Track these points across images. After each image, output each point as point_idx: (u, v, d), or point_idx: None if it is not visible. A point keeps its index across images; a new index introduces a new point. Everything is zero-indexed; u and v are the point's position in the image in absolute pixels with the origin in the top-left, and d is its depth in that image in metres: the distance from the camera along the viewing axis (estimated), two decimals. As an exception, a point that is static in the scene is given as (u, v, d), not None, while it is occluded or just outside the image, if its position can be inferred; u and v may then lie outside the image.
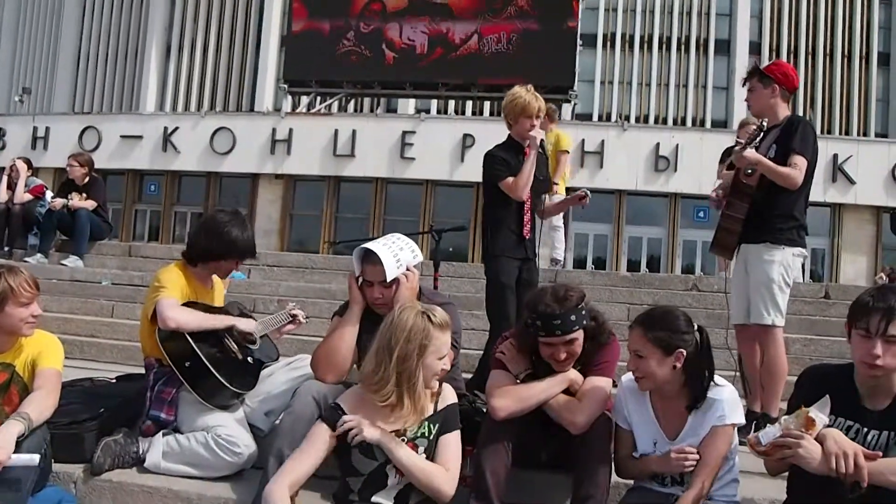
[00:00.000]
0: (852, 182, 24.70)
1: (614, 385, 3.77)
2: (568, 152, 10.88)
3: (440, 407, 3.50)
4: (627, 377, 3.64)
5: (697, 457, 3.39)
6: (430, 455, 3.42)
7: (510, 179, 5.45)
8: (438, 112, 32.15)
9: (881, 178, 24.54)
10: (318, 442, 3.36)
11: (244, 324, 4.25)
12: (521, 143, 5.58)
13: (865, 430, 3.14)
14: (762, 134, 5.00)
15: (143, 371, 4.31)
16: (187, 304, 4.11)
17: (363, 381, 3.43)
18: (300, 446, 3.39)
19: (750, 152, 4.90)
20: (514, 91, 5.65)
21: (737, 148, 4.92)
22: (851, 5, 34.22)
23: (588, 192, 5.72)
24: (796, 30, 34.36)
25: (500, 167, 5.53)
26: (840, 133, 31.73)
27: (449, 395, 3.56)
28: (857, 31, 34.07)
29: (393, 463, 3.34)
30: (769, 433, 3.06)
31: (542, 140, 5.57)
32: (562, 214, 10.35)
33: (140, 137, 27.29)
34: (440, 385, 3.51)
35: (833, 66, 34.26)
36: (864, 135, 32.28)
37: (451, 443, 3.46)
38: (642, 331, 3.45)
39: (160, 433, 4.00)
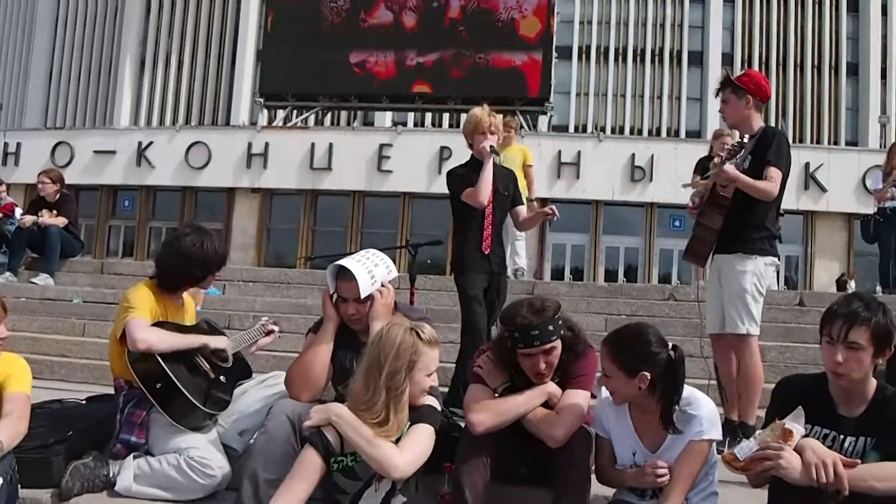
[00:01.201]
0: (824, 190, 24.94)
1: (593, 397, 3.74)
2: (532, 165, 10.90)
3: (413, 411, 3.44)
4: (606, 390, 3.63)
5: (667, 473, 3.37)
6: None
7: (470, 189, 5.61)
8: (415, 125, 32.24)
9: (852, 186, 24.77)
10: (310, 468, 3.28)
11: (216, 342, 4.17)
12: (480, 160, 5.72)
13: (842, 437, 3.14)
14: (742, 149, 5.03)
15: (114, 391, 4.22)
16: (158, 324, 4.03)
17: (352, 400, 3.36)
18: (290, 474, 3.29)
19: (729, 168, 4.91)
20: (470, 112, 5.94)
21: (716, 160, 4.91)
22: (820, 17, 34.70)
23: (554, 210, 5.80)
24: (767, 41, 34.78)
25: (460, 181, 5.72)
26: (811, 142, 32.13)
27: (428, 400, 3.50)
28: (826, 42, 34.58)
29: (374, 475, 3.29)
30: (745, 448, 3.05)
31: (493, 147, 5.69)
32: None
33: (114, 152, 27.06)
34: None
35: (804, 77, 34.71)
36: (835, 143, 32.66)
37: (417, 431, 3.35)
38: (609, 351, 3.45)
39: (131, 455, 3.91)
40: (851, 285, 21.98)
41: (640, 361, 3.38)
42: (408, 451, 3.25)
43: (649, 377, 3.37)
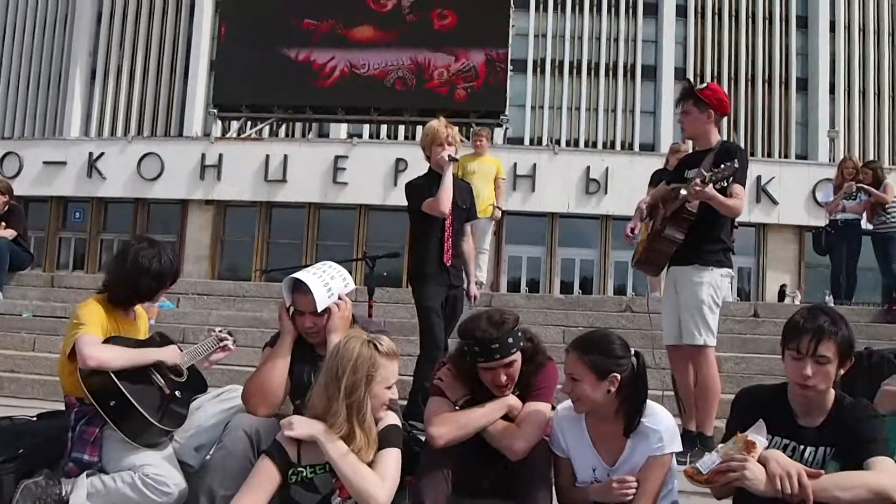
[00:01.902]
0: (775, 202, 25.32)
1: (553, 409, 3.73)
2: (504, 178, 11.07)
3: (380, 429, 3.39)
4: (562, 407, 3.63)
5: (635, 487, 3.37)
6: None
7: (430, 199, 5.69)
8: (371, 136, 32.21)
9: (802, 199, 25.16)
10: (265, 480, 3.24)
11: (171, 357, 4.10)
12: (439, 172, 5.78)
13: (802, 447, 3.17)
14: (695, 159, 5.08)
15: (65, 408, 4.12)
16: (110, 339, 3.94)
17: (311, 415, 3.32)
18: (245, 485, 3.25)
19: (710, 189, 4.91)
20: (427, 125, 6.04)
21: (697, 181, 4.90)
22: (771, 33, 35.31)
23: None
24: (719, 56, 35.33)
25: (419, 192, 5.81)
26: (762, 155, 32.63)
27: (390, 418, 3.47)
28: (776, 57, 35.20)
29: (336, 489, 3.24)
30: (707, 462, 3.06)
31: (451, 157, 5.78)
32: (487, 238, 10.69)
33: (64, 163, 26.67)
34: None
35: (755, 91, 35.28)
36: (786, 157, 33.23)
37: (389, 457, 3.32)
38: (578, 354, 3.44)
39: (84, 474, 3.80)
40: (798, 297, 22.35)
41: (609, 363, 3.39)
42: (387, 482, 3.24)
43: (619, 379, 3.38)
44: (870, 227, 10.71)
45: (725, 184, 4.96)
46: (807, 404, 3.18)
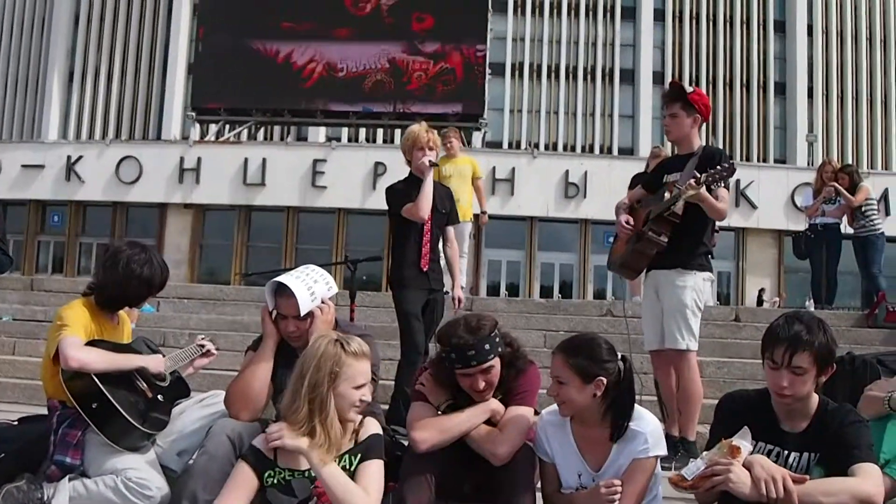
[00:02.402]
0: (754, 207, 25.48)
1: (536, 413, 3.74)
2: (481, 178, 10.92)
3: (362, 438, 3.39)
4: (547, 412, 3.62)
5: (620, 491, 3.37)
6: None
7: (410, 204, 5.68)
8: (349, 140, 32.17)
9: (781, 203, 25.34)
10: (242, 483, 3.24)
11: (155, 365, 4.07)
12: (419, 176, 5.79)
13: (786, 452, 3.17)
14: (676, 163, 5.09)
15: (47, 412, 4.10)
16: (93, 343, 3.92)
17: (282, 412, 3.33)
18: (223, 489, 3.25)
19: (703, 191, 4.91)
20: (408, 129, 6.04)
21: (692, 182, 4.90)
22: (748, 37, 35.52)
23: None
24: (697, 60, 35.49)
25: (399, 197, 5.80)
26: (741, 159, 32.80)
27: (371, 427, 3.46)
28: (754, 61, 35.40)
29: (316, 496, 3.23)
30: (692, 468, 3.06)
31: (432, 162, 5.79)
32: (466, 242, 10.61)
33: (42, 167, 26.50)
34: (363, 418, 3.40)
35: (733, 95, 35.46)
36: (764, 161, 33.38)
37: (372, 470, 3.32)
38: (564, 357, 3.43)
39: (66, 478, 3.77)
40: (777, 303, 22.51)
41: (595, 367, 3.39)
42: (372, 495, 3.24)
43: (605, 383, 3.39)
44: (850, 230, 10.79)
45: (714, 186, 4.97)
46: (789, 410, 3.20)
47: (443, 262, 6.28)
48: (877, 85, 35.56)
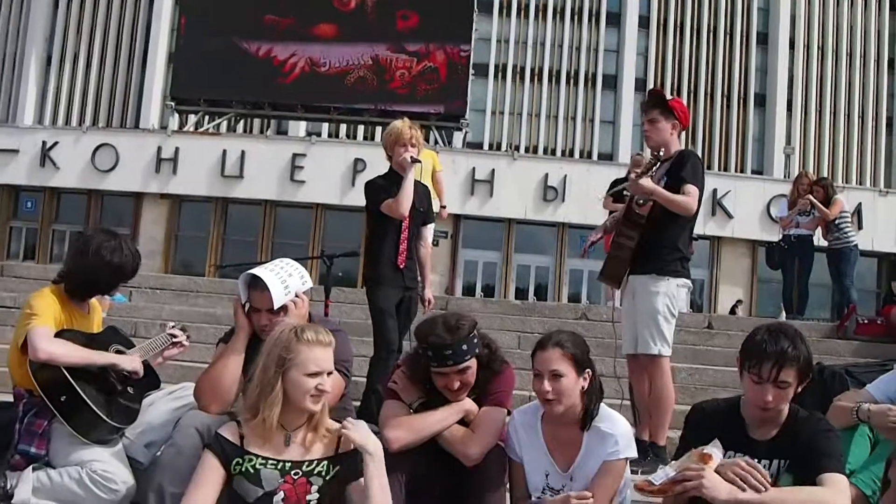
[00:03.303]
0: (730, 216, 25.61)
1: (509, 414, 3.73)
2: (441, 171, 10.73)
3: (343, 449, 3.33)
4: (519, 411, 3.62)
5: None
6: (323, 497, 3.27)
7: (390, 200, 5.64)
8: (329, 135, 32.07)
9: (757, 214, 25.49)
10: (210, 474, 3.21)
11: (127, 364, 4.00)
12: (400, 173, 5.76)
13: (756, 460, 3.16)
14: (658, 164, 5.09)
15: (13, 399, 4.04)
16: (63, 332, 3.87)
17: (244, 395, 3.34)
18: (192, 482, 3.21)
19: (646, 181, 4.96)
20: (390, 125, 6.02)
21: (632, 176, 4.97)
22: (731, 48, 35.74)
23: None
24: (679, 69, 35.67)
25: (379, 192, 5.77)
26: (719, 169, 32.94)
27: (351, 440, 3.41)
28: (735, 72, 35.65)
29: (283, 492, 3.19)
30: (660, 475, 3.05)
31: (414, 158, 5.75)
32: (430, 239, 10.52)
33: (16, 151, 26.12)
34: (342, 425, 3.32)
35: (713, 106, 35.67)
36: (742, 172, 33.59)
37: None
38: (559, 349, 3.45)
39: (30, 468, 3.73)
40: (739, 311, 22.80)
41: (586, 359, 3.45)
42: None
43: (591, 375, 3.42)
44: (824, 243, 10.88)
45: (662, 183, 5.02)
46: (761, 419, 3.21)
47: None
48: (854, 101, 35.84)
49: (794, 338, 3.10)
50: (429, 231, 6.46)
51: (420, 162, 5.89)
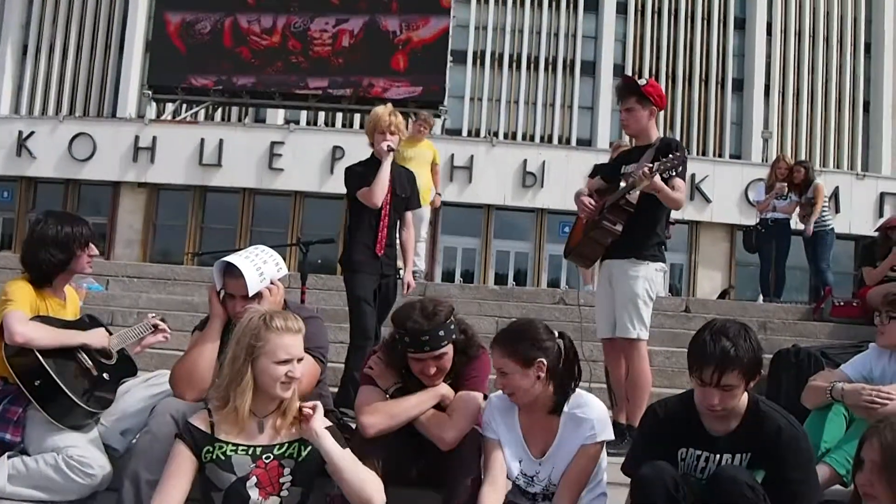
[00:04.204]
0: (708, 201, 25.74)
1: (486, 398, 3.74)
2: (438, 165, 11.00)
3: None
4: (496, 395, 3.63)
5: None
6: (296, 479, 3.29)
7: (365, 189, 5.63)
8: (308, 123, 31.94)
9: (735, 198, 25.58)
10: (182, 463, 3.21)
11: (97, 340, 4.01)
12: (380, 159, 5.73)
13: (717, 456, 3.18)
14: (634, 155, 5.13)
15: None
16: (38, 319, 3.86)
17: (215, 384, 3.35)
18: (164, 472, 3.22)
19: (657, 180, 4.92)
20: (372, 111, 5.99)
21: (644, 171, 4.91)
22: (709, 33, 35.77)
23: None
24: (657, 54, 35.70)
25: (357, 179, 5.74)
26: (697, 153, 32.97)
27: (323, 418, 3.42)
28: (713, 57, 35.69)
29: (255, 476, 3.22)
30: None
31: (391, 147, 5.73)
32: (425, 227, 10.67)
33: (-8, 141, 25.94)
34: (315, 409, 3.33)
35: (691, 90, 35.71)
36: (720, 156, 33.67)
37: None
38: (500, 347, 3.46)
39: (5, 455, 3.73)
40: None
41: (532, 350, 3.40)
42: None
43: (546, 364, 3.39)
44: (800, 226, 10.95)
45: (668, 175, 4.99)
46: (716, 416, 3.20)
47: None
48: (832, 85, 35.96)
49: (736, 338, 3.06)
50: (414, 216, 6.42)
51: (395, 150, 5.86)
